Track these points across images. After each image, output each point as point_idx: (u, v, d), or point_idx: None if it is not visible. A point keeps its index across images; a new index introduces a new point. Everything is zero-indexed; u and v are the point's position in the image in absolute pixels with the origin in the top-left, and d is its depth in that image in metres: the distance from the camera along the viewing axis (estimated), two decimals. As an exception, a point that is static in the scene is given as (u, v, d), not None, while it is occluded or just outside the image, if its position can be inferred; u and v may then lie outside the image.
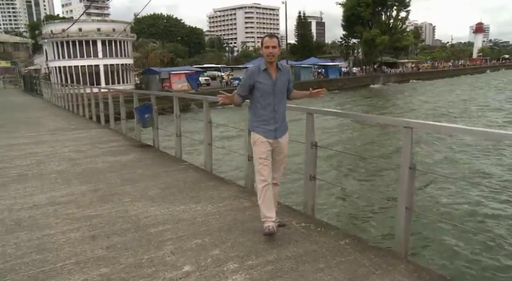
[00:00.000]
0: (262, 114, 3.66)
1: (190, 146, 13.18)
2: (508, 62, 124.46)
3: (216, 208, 4.50)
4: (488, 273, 6.03)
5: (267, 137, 3.64)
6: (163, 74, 40.97)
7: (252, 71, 3.65)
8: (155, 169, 6.41)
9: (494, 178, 11.22)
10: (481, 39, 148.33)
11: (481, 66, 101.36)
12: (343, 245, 3.48)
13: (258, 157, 3.64)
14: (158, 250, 3.46)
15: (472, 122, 22.77)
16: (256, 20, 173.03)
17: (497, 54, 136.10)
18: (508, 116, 24.79)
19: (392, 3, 65.16)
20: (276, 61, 3.63)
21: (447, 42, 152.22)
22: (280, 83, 3.66)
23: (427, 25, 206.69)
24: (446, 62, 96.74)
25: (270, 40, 3.58)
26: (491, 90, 45.37)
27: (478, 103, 32.35)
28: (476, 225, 7.78)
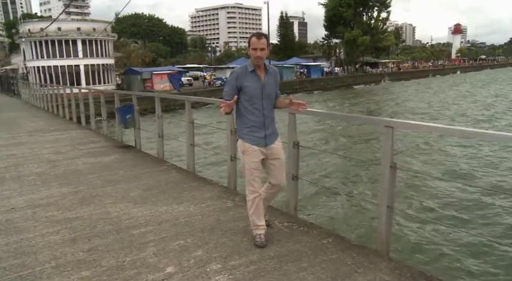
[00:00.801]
0: (250, 121, 3.37)
1: (173, 147, 13.09)
2: (484, 62, 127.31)
3: (198, 209, 4.48)
4: (468, 269, 6.15)
5: (257, 145, 3.39)
6: (145, 74, 40.60)
7: (238, 73, 3.34)
8: (137, 170, 6.34)
9: (473, 176, 11.44)
10: (459, 40, 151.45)
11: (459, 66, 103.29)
12: (325, 244, 3.51)
13: (249, 167, 3.41)
14: (140, 252, 3.43)
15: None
16: (239, 20, 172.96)
17: (475, 54, 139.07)
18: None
19: (373, 4, 65.95)
20: (264, 62, 3.38)
21: (427, 43, 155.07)
22: (268, 86, 3.39)
23: (407, 26, 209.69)
24: (426, 62, 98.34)
25: (258, 41, 3.26)
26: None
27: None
28: (457, 223, 7.92)
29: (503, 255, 6.42)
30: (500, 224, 7.80)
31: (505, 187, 10.30)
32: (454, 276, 5.87)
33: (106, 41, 41.93)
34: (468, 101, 33.46)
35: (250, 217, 3.53)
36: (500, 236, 7.28)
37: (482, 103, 31.80)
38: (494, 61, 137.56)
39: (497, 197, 9.05)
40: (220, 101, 3.36)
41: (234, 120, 5.16)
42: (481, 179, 11.11)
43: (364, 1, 64.70)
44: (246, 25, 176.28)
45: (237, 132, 3.52)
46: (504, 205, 8.69)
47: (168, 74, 40.87)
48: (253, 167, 3.41)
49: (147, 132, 8.61)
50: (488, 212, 8.34)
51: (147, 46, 70.50)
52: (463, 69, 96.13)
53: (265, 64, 3.40)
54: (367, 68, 72.32)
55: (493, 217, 8.12)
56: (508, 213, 8.27)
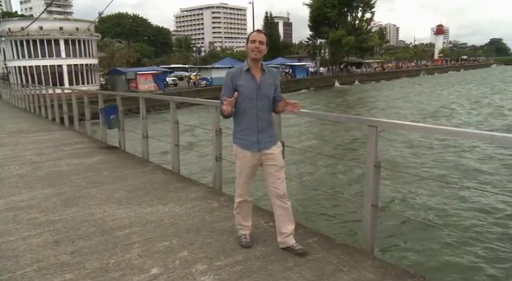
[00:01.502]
0: (243, 122, 3.22)
1: (158, 147, 13.00)
2: (466, 62, 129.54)
3: (184, 209, 4.46)
4: (451, 266, 6.25)
5: (249, 149, 3.22)
6: (130, 74, 40.25)
7: (233, 73, 3.22)
8: (121, 171, 6.29)
9: (456, 174, 11.63)
10: (441, 40, 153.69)
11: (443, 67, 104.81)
12: (311, 243, 3.53)
13: (239, 172, 3.32)
14: (125, 253, 3.40)
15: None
16: (224, 20, 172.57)
17: (457, 55, 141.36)
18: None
19: (358, 4, 66.55)
20: (262, 63, 3.24)
21: (410, 43, 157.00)
22: (264, 86, 3.21)
23: (391, 26, 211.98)
24: (409, 62, 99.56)
25: (258, 34, 3.19)
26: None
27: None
28: (440, 221, 8.04)
29: (486, 252, 6.54)
30: (484, 221, 7.94)
31: (488, 184, 10.49)
32: (438, 273, 5.96)
33: (89, 40, 41.42)
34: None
35: (235, 216, 3.48)
36: (484, 233, 7.41)
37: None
38: (476, 62, 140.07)
39: (480, 194, 9.21)
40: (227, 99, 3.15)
41: (219, 121, 5.19)
42: (465, 177, 11.30)
43: (349, 1, 65.25)
44: (231, 25, 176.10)
45: (233, 135, 3.35)
46: (487, 202, 8.85)
47: (152, 74, 40.57)
48: (243, 172, 3.29)
49: (131, 133, 8.54)
50: (472, 210, 8.48)
51: (132, 46, 69.95)
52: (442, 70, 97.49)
53: (263, 64, 3.25)
54: (352, 68, 72.89)
55: (476, 214, 8.26)
56: (490, 210, 8.42)
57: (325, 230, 6.64)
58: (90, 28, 39.48)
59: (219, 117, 5.18)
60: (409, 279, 2.94)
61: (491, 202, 8.84)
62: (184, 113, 26.43)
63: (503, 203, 8.70)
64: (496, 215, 8.12)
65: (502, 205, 8.61)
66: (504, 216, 8.05)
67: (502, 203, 8.68)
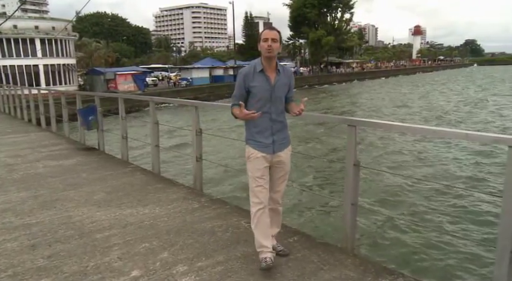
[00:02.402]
0: (257, 124, 3.07)
1: (138, 148, 12.87)
2: (443, 62, 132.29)
3: (164, 211, 4.42)
4: (429, 263, 6.37)
5: (263, 151, 3.07)
6: (109, 74, 39.70)
7: (245, 73, 3.04)
8: (100, 173, 6.19)
9: (433, 172, 11.86)
10: (419, 41, 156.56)
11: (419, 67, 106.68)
12: (292, 242, 3.54)
13: (252, 176, 3.07)
14: (104, 256, 3.35)
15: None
16: (204, 20, 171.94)
17: (434, 55, 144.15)
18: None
19: (337, 5, 67.18)
20: (276, 61, 3.06)
21: (389, 44, 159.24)
22: (279, 88, 3.05)
23: (370, 27, 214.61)
24: (388, 62, 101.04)
25: (270, 32, 2.98)
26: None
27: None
28: (419, 218, 8.18)
29: (463, 248, 6.69)
30: (460, 218, 8.11)
31: (464, 182, 10.72)
32: (417, 270, 6.06)
33: (67, 40, 40.70)
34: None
35: (255, 234, 3.10)
36: (460, 230, 7.57)
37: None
38: (452, 62, 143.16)
39: (456, 192, 9.40)
40: (236, 108, 2.99)
41: (198, 120, 5.17)
42: (441, 175, 11.52)
43: (328, 2, 65.81)
44: (211, 25, 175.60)
45: (245, 136, 3.19)
46: (463, 200, 9.04)
47: (132, 74, 40.12)
48: (257, 176, 3.06)
49: (110, 134, 8.43)
50: (449, 207, 8.65)
51: (110, 46, 68.97)
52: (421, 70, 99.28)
53: (277, 63, 3.07)
54: (332, 67, 73.54)
55: (453, 211, 8.44)
56: (467, 207, 8.60)
57: (306, 229, 6.68)
58: (68, 27, 38.81)
59: (199, 118, 5.18)
60: (388, 276, 2.98)
61: (468, 199, 9.04)
62: (165, 114, 26.21)
63: (478, 200, 8.90)
64: (472, 213, 8.30)
65: (477, 203, 8.81)
66: (479, 214, 8.24)
67: (478, 201, 8.88)
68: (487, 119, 22.80)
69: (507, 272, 2.50)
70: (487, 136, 2.91)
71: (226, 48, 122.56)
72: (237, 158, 13.14)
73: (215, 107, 5.65)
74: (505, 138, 2.61)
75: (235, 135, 16.83)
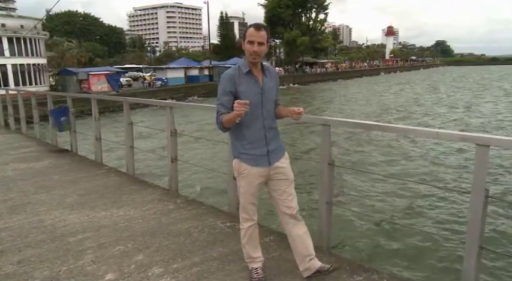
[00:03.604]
0: (247, 135, 2.71)
1: (112, 149, 12.67)
2: (415, 63, 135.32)
3: (139, 212, 4.37)
4: (402, 259, 6.50)
5: (257, 165, 2.72)
6: (82, 74, 38.87)
7: (230, 76, 2.67)
8: (73, 175, 6.06)
9: (407, 170, 12.10)
10: (391, 41, 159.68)
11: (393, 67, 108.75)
12: (268, 242, 3.56)
13: (245, 192, 2.80)
14: (77, 260, 3.28)
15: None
16: (179, 19, 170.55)
17: (406, 55, 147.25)
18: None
19: (312, 5, 67.81)
20: (261, 62, 2.78)
21: (363, 44, 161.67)
22: (269, 90, 2.75)
23: (344, 27, 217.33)
24: (362, 62, 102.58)
25: (257, 33, 2.61)
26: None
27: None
28: (393, 216, 8.34)
29: (437, 245, 6.85)
30: (432, 215, 8.30)
31: (437, 180, 10.99)
32: (391, 267, 6.17)
33: (36, 39, 39.61)
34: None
35: (244, 248, 2.94)
36: (431, 227, 7.75)
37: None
38: (423, 62, 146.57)
39: (429, 190, 9.62)
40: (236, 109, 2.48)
41: (173, 121, 5.12)
42: (415, 173, 11.77)
43: (303, 2, 66.35)
44: (186, 25, 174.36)
45: (232, 149, 2.84)
46: (437, 197, 9.26)
47: (106, 74, 39.43)
48: (250, 192, 2.79)
49: (84, 135, 8.27)
50: (422, 205, 8.85)
51: (83, 46, 67.63)
52: (389, 70, 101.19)
53: (263, 64, 2.78)
54: (307, 67, 74.13)
55: (426, 209, 8.63)
56: (440, 204, 8.81)
57: (282, 229, 6.73)
58: (37, 26, 37.76)
59: (173, 118, 5.14)
60: (363, 273, 3.02)
61: (439, 196, 9.26)
62: (140, 115, 25.87)
63: (449, 197, 9.14)
64: (443, 210, 8.52)
65: (448, 200, 9.04)
66: (450, 210, 8.46)
67: (449, 198, 9.12)
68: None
69: (475, 266, 2.59)
70: (455, 134, 2.99)
71: (202, 48, 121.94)
72: (213, 158, 13.10)
73: (190, 108, 5.62)
74: (472, 136, 2.69)
75: (210, 135, 16.78)
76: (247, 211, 2.84)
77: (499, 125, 20.52)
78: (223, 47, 77.80)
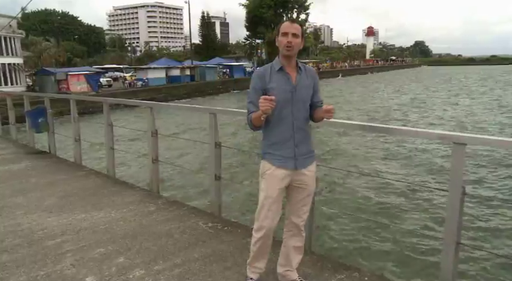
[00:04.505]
0: (275, 134, 2.58)
1: (92, 151, 12.49)
2: (395, 63, 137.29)
3: (119, 214, 4.32)
4: (383, 256, 6.58)
5: (282, 166, 2.56)
6: (60, 75, 38.13)
7: (262, 73, 2.59)
8: (52, 177, 5.95)
9: (386, 169, 12.27)
10: (372, 41, 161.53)
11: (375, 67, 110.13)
12: (250, 242, 3.54)
13: (266, 196, 2.59)
14: (56, 264, 3.22)
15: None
16: (160, 19, 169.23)
17: (386, 55, 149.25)
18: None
19: (293, 5, 68.11)
20: (297, 60, 2.63)
21: (344, 44, 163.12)
22: (302, 89, 2.59)
23: (325, 27, 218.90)
24: (343, 62, 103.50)
25: (291, 25, 2.53)
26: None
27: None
28: (372, 214, 8.43)
29: (414, 241, 6.96)
30: (412, 212, 8.43)
31: (418, 179, 11.17)
32: (372, 264, 6.25)
33: (12, 38, 38.63)
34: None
35: (253, 251, 2.78)
36: (411, 224, 7.88)
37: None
38: (403, 62, 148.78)
39: (410, 188, 9.77)
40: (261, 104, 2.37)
41: (154, 121, 5.08)
42: (396, 171, 11.95)
43: (284, 3, 66.57)
44: (167, 25, 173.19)
45: (262, 149, 2.70)
46: (416, 194, 9.40)
47: (85, 74, 38.80)
48: (272, 196, 2.58)
49: (63, 137, 8.12)
50: (402, 202, 8.97)
51: (61, 45, 66.41)
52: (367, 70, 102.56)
53: (298, 61, 2.64)
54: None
55: (406, 206, 8.75)
56: (420, 202, 8.95)
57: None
58: (12, 24, 36.84)
59: (154, 119, 5.10)
60: (345, 271, 3.05)
61: (419, 194, 9.41)
62: (121, 115, 25.55)
63: (429, 195, 9.29)
64: (423, 207, 8.65)
65: (428, 197, 9.19)
66: (429, 207, 8.60)
67: (428, 195, 9.27)
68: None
69: (453, 261, 2.64)
70: (433, 133, 3.04)
71: (183, 48, 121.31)
72: (194, 159, 13.04)
73: (171, 108, 5.58)
74: (449, 135, 2.74)
75: (192, 135, 16.70)
76: (263, 218, 2.61)
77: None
78: (204, 47, 77.60)
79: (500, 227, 7.56)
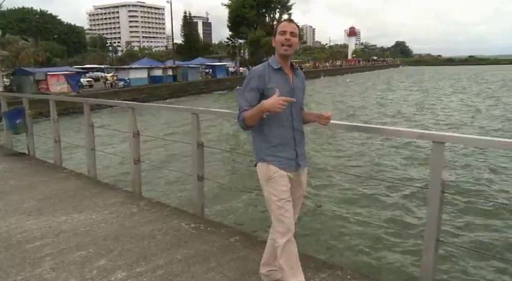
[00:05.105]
0: (276, 136, 2.52)
1: (73, 152, 12.30)
2: (376, 63, 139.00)
3: (101, 216, 4.26)
4: (365, 255, 6.65)
5: (285, 168, 2.53)
6: (39, 75, 37.39)
7: (261, 73, 2.51)
8: (31, 179, 5.83)
9: (368, 168, 12.40)
10: (353, 42, 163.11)
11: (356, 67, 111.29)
12: (233, 242, 3.55)
13: (278, 199, 2.48)
14: (35, 268, 3.16)
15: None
16: (141, 19, 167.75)
17: (367, 55, 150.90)
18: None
19: (275, 6, 68.32)
20: (291, 62, 2.65)
21: (326, 44, 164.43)
22: (298, 90, 2.60)
23: (308, 27, 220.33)
24: (325, 62, 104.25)
25: (288, 24, 2.54)
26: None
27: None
28: (355, 213, 8.51)
29: (396, 239, 7.05)
30: (393, 210, 8.53)
31: (399, 178, 11.32)
32: (355, 262, 6.31)
33: (-12, 37, 37.82)
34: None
35: (282, 270, 2.53)
36: (393, 222, 7.97)
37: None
38: (384, 62, 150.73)
39: (392, 186, 9.88)
40: (272, 102, 2.30)
41: (135, 122, 5.03)
42: (378, 170, 12.08)
43: (266, 3, 66.75)
44: (149, 24, 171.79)
45: (257, 153, 2.60)
46: (398, 193, 9.52)
47: (65, 75, 38.15)
48: (284, 198, 2.48)
49: (43, 138, 7.98)
50: (384, 201, 9.07)
51: (40, 44, 65.22)
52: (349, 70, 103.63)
53: (292, 63, 2.65)
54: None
55: (387, 204, 8.86)
56: (401, 200, 9.06)
57: (248, 229, 6.75)
58: (-11, 24, 36.02)
59: (136, 119, 5.05)
60: (327, 270, 3.07)
61: (400, 193, 9.53)
62: (101, 116, 25.24)
63: (410, 193, 9.42)
64: (404, 205, 8.77)
65: (409, 195, 9.32)
66: (410, 205, 8.72)
67: (409, 194, 9.40)
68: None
69: (433, 258, 2.69)
70: (413, 132, 3.09)
71: (165, 48, 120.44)
72: (177, 160, 12.96)
73: (153, 109, 5.54)
74: (429, 134, 2.79)
75: (174, 136, 16.59)
76: (283, 222, 2.47)
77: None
78: (187, 47, 77.27)
79: (479, 223, 7.72)
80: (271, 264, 2.79)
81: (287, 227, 2.47)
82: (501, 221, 7.81)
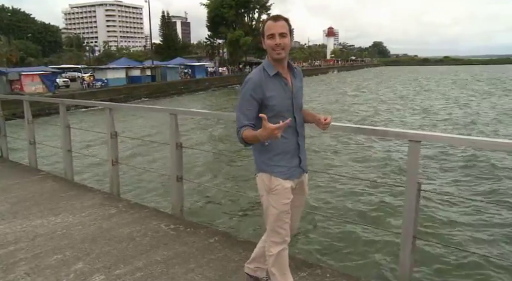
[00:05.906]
0: (279, 144, 2.33)
1: (49, 154, 12.05)
2: (355, 62, 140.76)
3: (78, 218, 4.18)
4: (345, 253, 6.72)
5: (289, 178, 2.39)
6: (12, 75, 36.45)
7: (258, 82, 2.28)
8: (4, 182, 5.68)
9: (348, 167, 12.53)
10: (332, 42, 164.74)
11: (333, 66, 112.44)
12: (212, 243, 3.54)
13: (279, 211, 2.36)
14: (8, 273, 3.08)
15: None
16: (119, 18, 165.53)
17: (346, 55, 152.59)
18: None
19: (254, 6, 68.37)
20: (288, 61, 2.43)
21: (305, 44, 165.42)
22: (298, 93, 2.42)
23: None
24: (304, 62, 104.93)
25: (275, 24, 2.27)
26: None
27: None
28: (334, 211, 8.58)
29: (375, 236, 7.15)
30: (372, 209, 8.64)
31: (376, 176, 11.47)
32: (334, 260, 6.36)
33: (-41, 36, 36.70)
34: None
35: (272, 275, 2.50)
36: (372, 220, 8.07)
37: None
38: (363, 62, 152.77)
39: (369, 185, 10.00)
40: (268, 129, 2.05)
41: (113, 123, 4.95)
42: (357, 169, 12.22)
43: (245, 3, 66.70)
44: (127, 24, 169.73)
45: (257, 163, 2.43)
46: (377, 191, 9.64)
47: (40, 74, 37.32)
48: (283, 210, 2.37)
49: (17, 140, 7.78)
50: (362, 200, 9.18)
51: (13, 43, 63.61)
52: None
53: (289, 62, 2.43)
54: (252, 67, 74.59)
55: (366, 203, 8.97)
56: (381, 199, 9.17)
57: (227, 229, 6.74)
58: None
59: (113, 120, 4.97)
60: (307, 269, 3.09)
61: (378, 191, 9.66)
62: (78, 117, 24.78)
63: (388, 192, 9.56)
64: (383, 203, 8.89)
65: (388, 194, 9.45)
66: (389, 204, 8.85)
67: (388, 192, 9.53)
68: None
69: (410, 254, 2.74)
70: (390, 131, 3.14)
71: (143, 48, 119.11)
72: (155, 160, 12.84)
73: (131, 109, 5.48)
74: (405, 132, 2.84)
75: (154, 137, 16.42)
76: (279, 233, 2.41)
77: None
78: (165, 47, 76.52)
79: (454, 220, 7.89)
80: (260, 262, 2.74)
81: (283, 238, 2.43)
82: (476, 218, 8.00)
